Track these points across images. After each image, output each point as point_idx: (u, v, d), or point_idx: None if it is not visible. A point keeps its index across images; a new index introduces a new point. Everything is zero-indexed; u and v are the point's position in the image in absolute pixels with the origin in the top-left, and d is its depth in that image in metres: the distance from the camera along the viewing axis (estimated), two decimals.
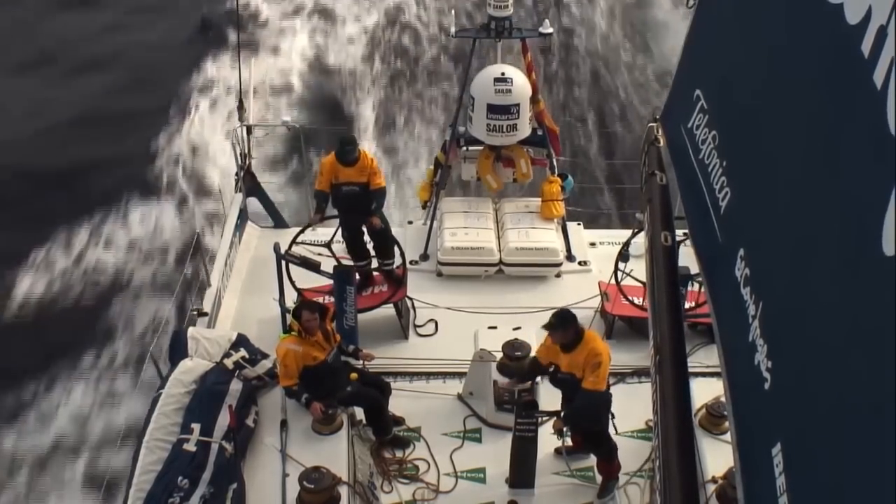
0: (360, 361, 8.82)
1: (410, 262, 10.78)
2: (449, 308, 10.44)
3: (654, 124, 5.42)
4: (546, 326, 7.85)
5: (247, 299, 10.70)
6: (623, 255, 9.58)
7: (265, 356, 8.98)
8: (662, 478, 4.10)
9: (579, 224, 12.18)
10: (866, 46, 2.87)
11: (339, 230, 10.00)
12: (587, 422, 8.05)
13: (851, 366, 2.88)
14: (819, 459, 3.07)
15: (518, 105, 11.03)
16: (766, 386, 3.53)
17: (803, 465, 3.19)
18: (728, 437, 4.22)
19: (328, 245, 9.68)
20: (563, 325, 7.71)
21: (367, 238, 10.23)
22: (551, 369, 8.02)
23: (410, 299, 10.43)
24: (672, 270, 4.65)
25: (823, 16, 3.21)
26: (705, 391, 8.08)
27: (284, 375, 8.23)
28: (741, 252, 3.94)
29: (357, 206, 9.78)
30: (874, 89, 2.78)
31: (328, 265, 9.58)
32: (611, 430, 8.16)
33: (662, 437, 4.22)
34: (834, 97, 3.14)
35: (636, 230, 9.60)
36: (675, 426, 4.22)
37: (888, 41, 2.74)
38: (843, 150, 3.08)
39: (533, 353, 8.42)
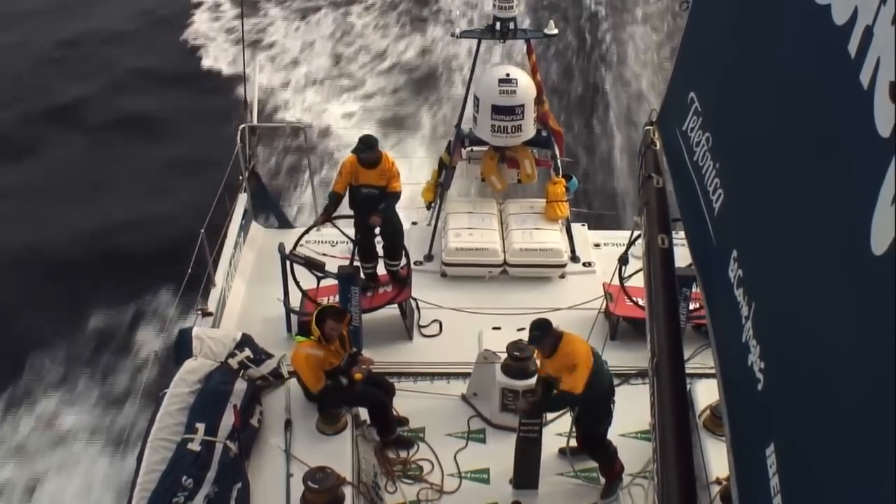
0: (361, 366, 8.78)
1: (415, 263, 10.79)
2: (453, 309, 10.43)
3: (650, 127, 5.42)
4: (531, 341, 7.84)
5: (251, 299, 10.73)
6: (623, 258, 9.56)
7: (269, 356, 8.96)
8: (660, 480, 4.12)
9: (584, 225, 12.18)
10: (853, 47, 2.88)
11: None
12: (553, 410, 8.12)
13: (843, 366, 2.89)
14: (812, 460, 3.07)
15: (523, 106, 11.02)
16: (760, 386, 3.54)
17: (797, 465, 3.19)
18: None
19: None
20: (544, 332, 7.65)
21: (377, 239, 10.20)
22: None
23: (415, 300, 10.43)
24: (669, 272, 4.65)
25: (812, 17, 3.22)
26: (710, 392, 8.04)
27: (315, 380, 8.11)
28: (734, 253, 3.95)
29: (374, 208, 9.69)
30: (861, 89, 2.79)
31: (333, 266, 9.60)
32: (612, 433, 8.14)
33: (660, 439, 4.24)
34: (822, 98, 3.15)
35: (632, 232, 9.57)
36: (673, 428, 4.23)
37: (874, 41, 2.74)
38: (831, 151, 3.08)
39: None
